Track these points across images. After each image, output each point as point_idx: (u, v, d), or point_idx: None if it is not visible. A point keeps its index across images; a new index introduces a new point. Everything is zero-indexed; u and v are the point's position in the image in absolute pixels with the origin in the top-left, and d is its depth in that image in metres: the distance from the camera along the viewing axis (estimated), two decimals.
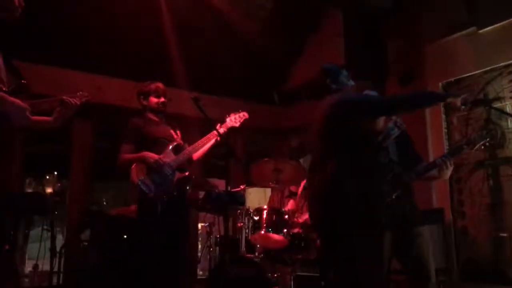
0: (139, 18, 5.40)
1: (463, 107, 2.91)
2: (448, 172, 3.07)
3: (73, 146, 5.49)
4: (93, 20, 5.25)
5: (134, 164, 3.73)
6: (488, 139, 3.14)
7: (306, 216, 5.15)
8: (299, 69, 6.82)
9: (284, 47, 6.51)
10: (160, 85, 3.98)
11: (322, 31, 6.48)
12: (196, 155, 4.01)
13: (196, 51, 5.93)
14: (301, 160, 6.09)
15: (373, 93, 3.25)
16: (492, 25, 4.54)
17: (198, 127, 4.50)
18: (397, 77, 5.33)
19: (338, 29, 5.80)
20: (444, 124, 4.88)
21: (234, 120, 4.06)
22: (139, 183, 3.64)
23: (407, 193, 3.13)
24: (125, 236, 4.41)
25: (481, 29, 4.61)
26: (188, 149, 3.87)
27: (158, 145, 3.83)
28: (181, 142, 3.96)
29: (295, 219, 5.31)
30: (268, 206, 5.44)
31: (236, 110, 4.14)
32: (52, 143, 6.38)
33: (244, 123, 4.12)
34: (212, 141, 3.94)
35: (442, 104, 4.82)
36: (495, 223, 4.37)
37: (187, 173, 3.83)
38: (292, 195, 5.52)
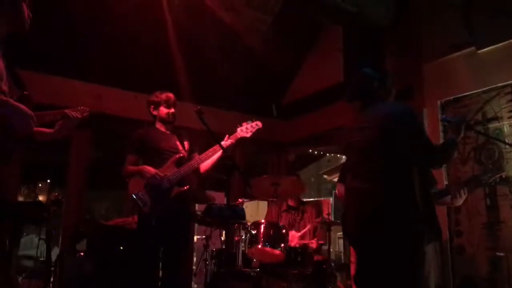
0: (142, 29, 5.42)
1: (445, 123, 2.91)
2: (461, 200, 3.06)
3: (71, 155, 5.47)
4: (96, 30, 5.27)
5: (133, 178, 3.72)
6: (504, 173, 3.16)
7: (313, 243, 5.14)
8: (298, 84, 6.87)
9: (283, 62, 6.55)
10: (171, 95, 3.95)
11: (322, 46, 6.54)
12: (204, 168, 3.95)
13: (198, 63, 5.95)
14: (299, 173, 6.13)
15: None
16: (490, 46, 4.59)
17: (200, 140, 4.47)
18: (396, 93, 5.35)
19: (338, 45, 5.84)
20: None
21: (245, 130, 3.97)
22: (134, 197, 3.62)
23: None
24: (121, 247, 4.38)
25: (480, 49, 4.66)
26: (191, 162, 3.82)
27: (162, 157, 3.80)
28: (186, 154, 3.90)
29: (293, 233, 5.34)
30: (266, 220, 5.49)
31: (235, 123, 4.03)
32: (47, 151, 6.35)
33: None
34: (219, 153, 3.85)
35: (440, 123, 4.89)
36: (492, 242, 4.38)
37: (185, 187, 3.77)
38: (290, 209, 5.53)
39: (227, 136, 3.94)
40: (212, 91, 6.14)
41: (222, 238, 6.04)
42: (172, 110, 3.94)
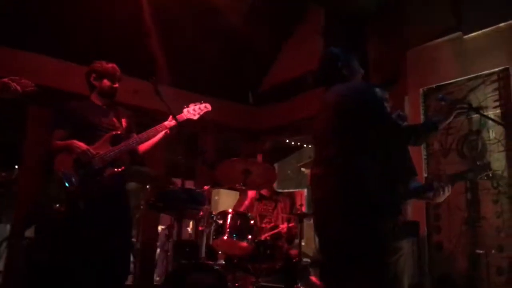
0: (114, 4, 5.08)
1: (442, 102, 2.65)
2: (444, 197, 2.82)
3: (27, 134, 5.08)
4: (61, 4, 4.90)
5: (60, 154, 3.30)
6: (491, 171, 2.90)
7: (284, 225, 4.88)
8: (277, 69, 6.56)
9: (262, 45, 6.23)
10: (118, 68, 3.54)
11: (303, 29, 6.23)
12: (143, 148, 3.59)
13: (172, 44, 5.62)
14: (275, 165, 5.82)
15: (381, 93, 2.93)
16: (477, 31, 4.36)
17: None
18: (378, 81, 5.10)
19: (319, 29, 5.56)
20: None
21: (192, 112, 3.64)
22: (60, 175, 3.20)
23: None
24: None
25: (466, 34, 4.42)
26: (128, 141, 3.43)
27: (95, 133, 3.39)
28: (123, 132, 3.50)
29: (264, 225, 5.04)
30: (234, 210, 5.18)
31: (212, 109, 3.75)
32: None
33: (210, 119, 3.71)
34: (161, 133, 3.51)
35: (422, 111, 4.64)
36: (472, 239, 4.14)
37: (121, 169, 3.38)
38: (263, 198, 5.24)
39: (170, 117, 3.57)
40: (186, 74, 5.82)
41: (189, 229, 5.76)
42: (117, 85, 3.53)
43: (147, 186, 4.59)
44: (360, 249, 2.43)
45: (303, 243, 5.03)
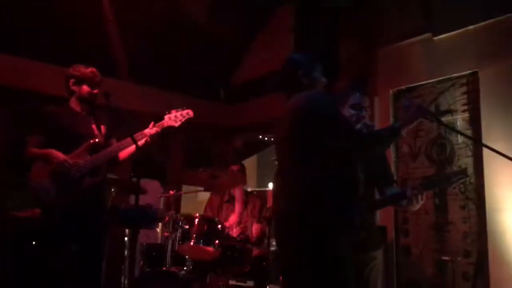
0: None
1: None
2: (418, 206, 2.75)
3: None
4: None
5: (37, 163, 3.21)
6: (467, 178, 2.84)
7: (255, 227, 4.80)
8: (248, 64, 6.41)
9: (232, 40, 6.09)
10: (97, 73, 3.43)
11: (274, 24, 6.07)
12: (122, 155, 3.49)
13: (136, 38, 5.45)
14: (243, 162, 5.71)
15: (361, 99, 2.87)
16: (447, 32, 4.28)
17: (139, 123, 3.98)
18: (348, 82, 5.00)
19: (289, 24, 5.43)
20: None
21: (174, 118, 3.54)
22: (36, 186, 3.14)
23: (372, 215, 2.90)
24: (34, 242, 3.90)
25: (436, 36, 4.34)
26: (108, 150, 3.34)
27: (73, 141, 3.29)
28: (102, 140, 3.41)
29: (235, 227, 4.96)
30: (204, 213, 5.10)
31: (176, 104, 3.65)
32: None
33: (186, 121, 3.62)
34: (143, 140, 3.40)
35: (392, 113, 4.58)
36: (439, 244, 4.13)
37: (99, 179, 3.31)
38: (232, 199, 5.15)
39: (152, 123, 3.48)
40: (153, 69, 5.65)
41: (158, 230, 5.65)
42: (96, 91, 3.41)
43: (112, 190, 4.46)
44: (317, 268, 2.35)
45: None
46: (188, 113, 3.61)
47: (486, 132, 3.93)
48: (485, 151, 3.85)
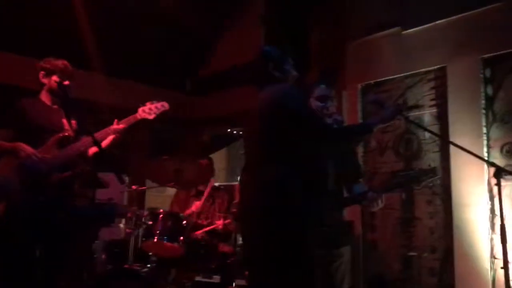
0: None
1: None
2: (378, 208, 2.73)
3: None
4: None
5: (3, 157, 3.07)
6: (435, 177, 2.82)
7: (220, 221, 4.70)
8: (216, 56, 6.28)
9: (201, 30, 5.93)
10: (68, 65, 3.29)
11: (245, 13, 5.94)
12: (93, 151, 3.38)
13: (103, 28, 5.23)
14: (211, 156, 5.58)
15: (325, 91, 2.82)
16: (416, 27, 4.26)
17: (108, 116, 3.82)
18: (318, 74, 4.95)
19: (259, 17, 5.33)
20: None
21: (148, 111, 3.42)
22: (0, 180, 2.99)
23: (340, 211, 2.92)
24: None
25: (405, 30, 4.31)
26: (78, 144, 3.19)
27: (42, 135, 3.16)
28: (72, 134, 3.27)
29: (200, 221, 4.85)
30: (171, 208, 4.97)
31: (142, 96, 3.57)
32: None
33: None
34: (111, 137, 3.30)
35: (360, 108, 4.55)
36: (405, 240, 4.12)
37: (68, 174, 3.15)
38: (199, 194, 5.03)
39: (116, 120, 3.34)
40: (120, 60, 5.46)
41: (121, 225, 5.49)
42: (67, 82, 3.26)
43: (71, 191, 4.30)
44: (284, 264, 2.29)
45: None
46: (163, 105, 3.50)
47: (453, 127, 3.93)
48: (452, 146, 3.84)
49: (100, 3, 5.13)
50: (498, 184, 2.60)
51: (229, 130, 6.83)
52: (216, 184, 5.63)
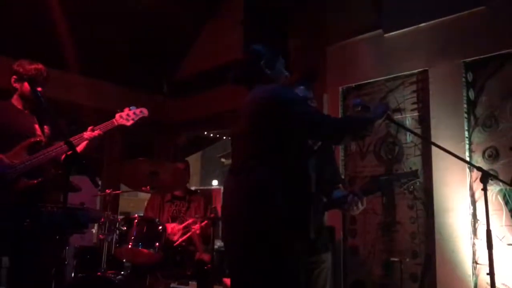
0: None
1: (358, 108, 2.49)
2: (358, 211, 2.66)
3: None
4: None
5: None
6: (417, 178, 2.76)
7: (196, 226, 4.56)
8: (194, 57, 6.14)
9: (178, 30, 5.80)
10: (43, 70, 3.15)
11: (221, 17, 5.84)
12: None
13: (76, 27, 5.06)
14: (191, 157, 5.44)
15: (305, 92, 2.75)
16: (398, 29, 4.22)
17: (87, 117, 3.67)
18: (298, 77, 4.86)
19: (239, 17, 5.23)
20: None
21: (126, 117, 3.33)
22: None
23: (321, 216, 2.82)
24: None
25: (386, 33, 4.28)
26: (48, 150, 3.06)
27: (11, 140, 3.04)
28: (44, 139, 3.16)
29: (176, 228, 4.71)
30: (145, 213, 4.81)
31: (119, 97, 3.48)
32: None
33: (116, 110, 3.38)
34: (85, 143, 3.17)
35: (341, 111, 4.49)
36: (387, 245, 4.07)
37: (36, 180, 3.02)
38: (175, 199, 4.88)
39: (91, 127, 3.21)
40: (92, 60, 5.29)
41: (93, 231, 5.29)
42: (39, 89, 3.10)
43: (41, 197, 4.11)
44: (267, 271, 2.19)
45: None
46: (142, 111, 3.41)
47: (435, 131, 3.90)
48: (434, 150, 3.82)
49: (78, 3, 4.98)
50: (485, 189, 2.55)
51: (205, 133, 6.71)
52: (193, 188, 5.50)
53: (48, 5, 4.80)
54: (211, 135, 6.68)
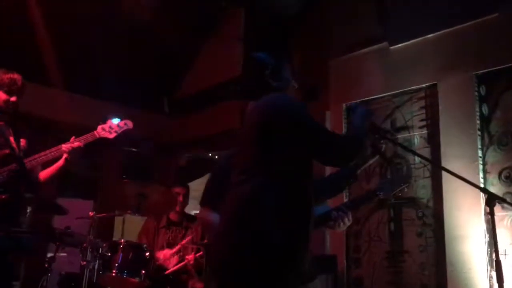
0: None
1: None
2: (344, 227, 2.44)
3: None
4: None
5: None
6: (408, 184, 2.53)
7: (190, 256, 4.28)
8: (194, 75, 5.95)
9: (178, 48, 5.65)
10: (19, 79, 3.00)
11: (223, 31, 5.66)
12: (45, 174, 3.11)
13: (72, 43, 4.95)
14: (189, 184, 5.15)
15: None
16: (404, 42, 3.95)
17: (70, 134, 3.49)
18: (301, 93, 4.60)
19: (238, 33, 5.05)
20: None
21: (108, 129, 3.18)
22: None
23: None
24: None
25: (392, 45, 4.00)
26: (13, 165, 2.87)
27: None
28: (17, 153, 2.96)
29: (169, 254, 4.42)
30: (138, 239, 4.56)
31: (118, 116, 3.31)
32: None
33: (123, 134, 3.26)
34: (65, 156, 3.02)
35: (344, 129, 4.19)
36: (394, 276, 3.70)
37: (4, 196, 2.81)
38: (171, 224, 4.60)
39: (73, 137, 3.07)
40: (90, 78, 5.16)
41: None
42: (14, 98, 2.99)
43: (28, 209, 3.91)
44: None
45: None
46: (126, 123, 3.27)
47: (445, 150, 3.57)
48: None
49: (76, 22, 4.89)
50: (491, 213, 2.23)
51: (210, 154, 6.43)
52: (193, 213, 5.21)
53: (30, 12, 4.70)
54: (216, 156, 6.40)
